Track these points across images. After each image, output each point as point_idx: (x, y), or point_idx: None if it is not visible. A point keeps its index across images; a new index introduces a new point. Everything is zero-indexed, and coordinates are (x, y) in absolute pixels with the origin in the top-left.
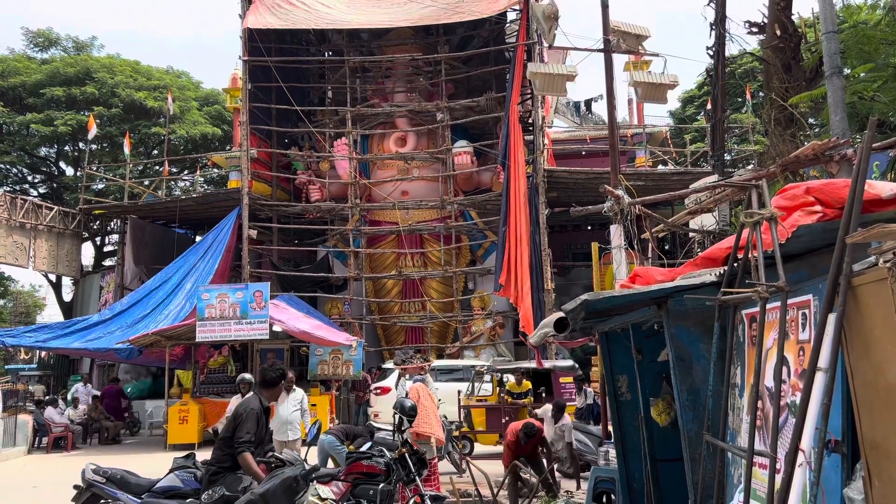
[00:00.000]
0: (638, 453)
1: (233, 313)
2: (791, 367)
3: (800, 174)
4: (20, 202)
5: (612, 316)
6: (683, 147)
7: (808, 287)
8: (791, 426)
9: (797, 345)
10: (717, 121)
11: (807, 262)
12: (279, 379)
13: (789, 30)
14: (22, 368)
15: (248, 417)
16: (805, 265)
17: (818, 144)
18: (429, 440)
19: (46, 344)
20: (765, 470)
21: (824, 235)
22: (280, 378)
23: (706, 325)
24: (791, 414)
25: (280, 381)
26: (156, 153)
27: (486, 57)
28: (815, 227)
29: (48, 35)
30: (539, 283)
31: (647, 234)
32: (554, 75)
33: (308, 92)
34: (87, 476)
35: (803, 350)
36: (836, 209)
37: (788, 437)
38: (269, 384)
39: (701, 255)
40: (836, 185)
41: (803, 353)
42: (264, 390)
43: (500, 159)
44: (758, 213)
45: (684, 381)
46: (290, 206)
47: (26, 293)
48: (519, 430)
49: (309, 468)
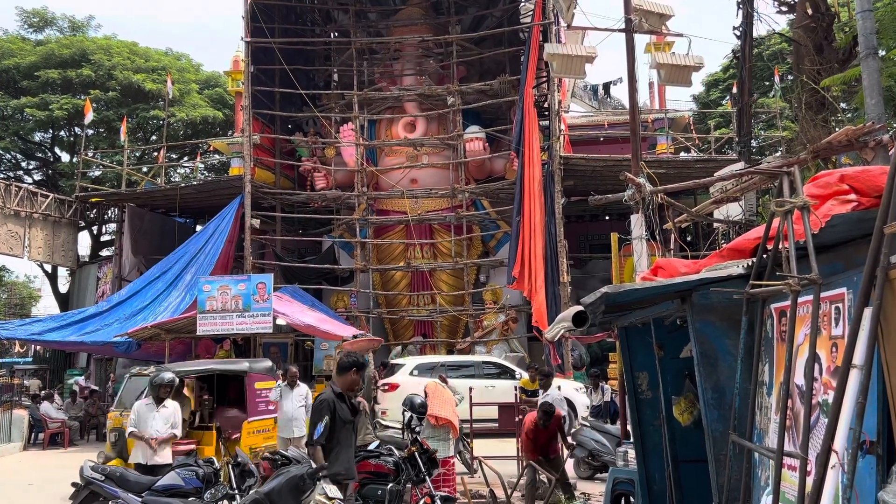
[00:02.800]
0: (658, 454)
1: (235, 306)
2: (823, 364)
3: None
4: (14, 189)
5: (633, 310)
6: (707, 133)
7: (843, 280)
8: (823, 426)
9: (830, 340)
10: (744, 105)
11: (841, 254)
12: (350, 366)
13: (821, 8)
14: (17, 362)
15: (314, 412)
16: (839, 257)
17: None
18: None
19: (42, 337)
20: (794, 472)
21: (860, 225)
22: (351, 365)
23: (733, 320)
24: (823, 413)
25: (351, 368)
26: (154, 138)
27: (499, 38)
28: (849, 217)
29: (43, 14)
30: (554, 275)
31: (670, 224)
32: (573, 57)
33: (313, 75)
34: (86, 474)
35: (836, 346)
36: (873, 198)
37: (820, 437)
38: (340, 370)
39: (727, 246)
40: (873, 172)
41: (836, 349)
42: (337, 378)
43: (514, 146)
44: (789, 202)
45: (709, 379)
46: (294, 195)
47: (21, 284)
48: (537, 413)
49: (316, 466)
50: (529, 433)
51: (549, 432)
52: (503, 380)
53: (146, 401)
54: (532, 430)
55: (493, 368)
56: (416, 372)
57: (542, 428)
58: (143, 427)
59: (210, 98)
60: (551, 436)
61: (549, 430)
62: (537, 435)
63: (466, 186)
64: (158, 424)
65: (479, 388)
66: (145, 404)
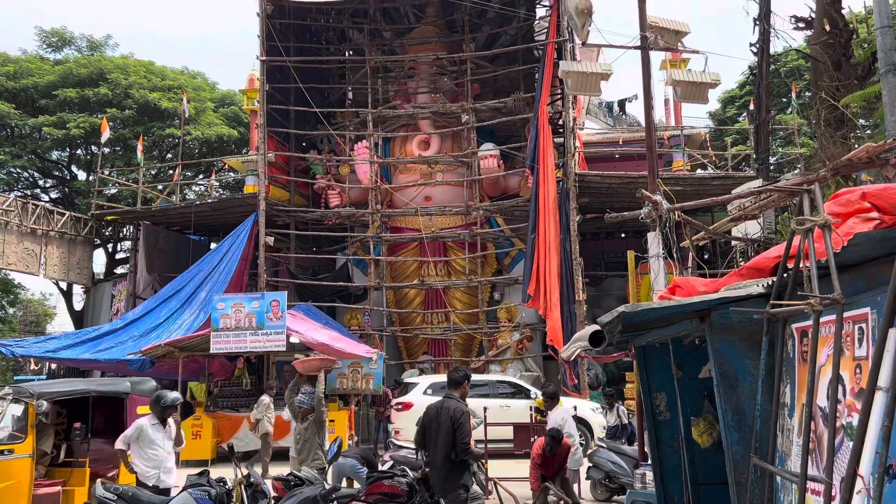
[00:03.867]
0: (677, 476)
1: (248, 324)
2: (847, 385)
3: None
4: (31, 207)
5: (651, 329)
6: (724, 150)
7: (866, 299)
8: (847, 449)
9: (853, 361)
10: (762, 122)
11: (863, 273)
12: (462, 379)
13: (839, 25)
14: (31, 380)
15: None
16: (862, 276)
17: (872, 147)
18: None
19: (56, 355)
20: (819, 497)
21: (883, 244)
22: (464, 378)
23: (753, 340)
24: (847, 436)
25: (464, 381)
26: (170, 156)
27: (513, 55)
28: (872, 235)
29: (62, 34)
30: (570, 293)
31: (687, 242)
32: (588, 74)
33: (327, 93)
34: (98, 493)
35: (860, 367)
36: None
37: (844, 461)
38: (453, 384)
39: (747, 265)
40: (895, 189)
41: (860, 370)
42: (453, 391)
43: (529, 163)
44: (810, 220)
45: (729, 400)
46: (308, 212)
47: (36, 301)
48: (544, 439)
49: (329, 488)
50: (537, 459)
51: (557, 462)
52: (518, 399)
53: (151, 420)
54: (540, 455)
55: (508, 388)
56: (429, 391)
57: (549, 455)
58: (152, 448)
59: (225, 116)
60: (559, 467)
61: (556, 458)
62: (544, 463)
63: (481, 204)
64: (168, 444)
65: (494, 408)
66: (151, 424)
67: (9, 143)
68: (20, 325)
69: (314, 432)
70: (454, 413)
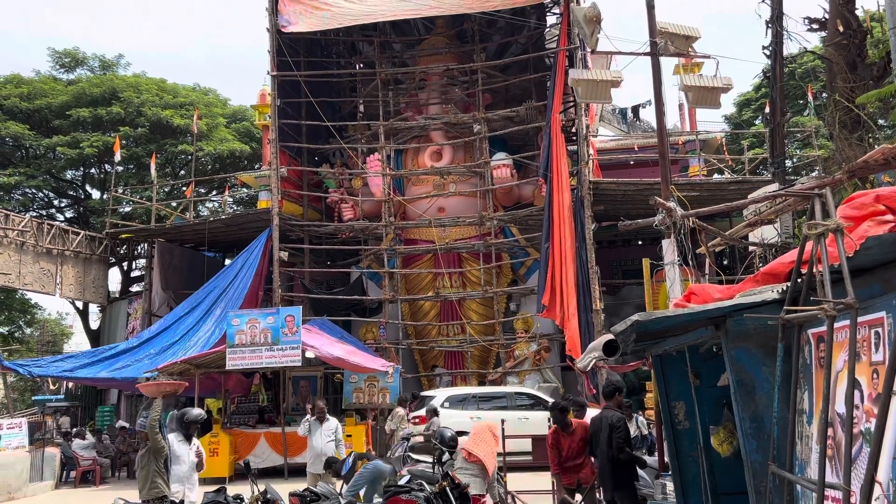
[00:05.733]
0: (697, 486)
1: (264, 339)
2: (864, 390)
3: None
4: (47, 227)
5: (667, 337)
6: (740, 154)
7: (881, 303)
8: (866, 456)
9: (870, 367)
10: (777, 125)
11: (878, 277)
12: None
13: (853, 25)
14: (49, 399)
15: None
16: (876, 280)
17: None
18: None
19: (73, 374)
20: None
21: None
22: (614, 391)
23: (769, 347)
24: (865, 442)
25: (614, 394)
26: (183, 173)
27: (524, 64)
28: (885, 239)
29: (74, 55)
30: (586, 302)
31: (703, 248)
32: (598, 81)
33: (339, 106)
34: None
35: (877, 372)
36: None
37: (863, 467)
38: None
39: (761, 271)
40: None
41: (877, 375)
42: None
43: (542, 171)
44: (822, 224)
45: (747, 408)
46: (321, 226)
47: (53, 321)
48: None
49: (345, 503)
50: (552, 443)
51: (576, 443)
52: (537, 411)
53: (177, 437)
54: (553, 437)
55: (527, 399)
56: (446, 404)
57: (564, 433)
58: (178, 463)
59: (237, 132)
60: (579, 450)
61: (574, 437)
62: (559, 443)
63: (494, 214)
64: (193, 460)
65: (512, 420)
66: (178, 441)
67: (24, 164)
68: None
69: (149, 459)
70: (611, 420)
